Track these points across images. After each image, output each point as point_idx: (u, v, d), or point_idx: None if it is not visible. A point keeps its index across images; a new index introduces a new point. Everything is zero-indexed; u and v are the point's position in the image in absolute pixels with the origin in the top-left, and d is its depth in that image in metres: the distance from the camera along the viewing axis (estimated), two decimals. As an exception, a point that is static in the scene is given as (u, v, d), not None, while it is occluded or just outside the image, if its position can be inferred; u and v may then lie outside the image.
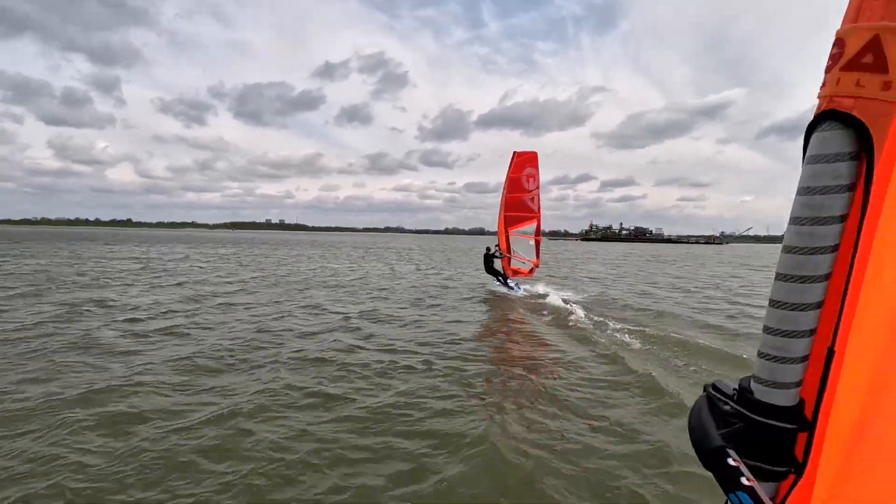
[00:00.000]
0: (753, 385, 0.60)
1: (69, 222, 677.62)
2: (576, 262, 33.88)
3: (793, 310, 0.56)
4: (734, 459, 0.56)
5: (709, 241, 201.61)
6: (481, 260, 16.68)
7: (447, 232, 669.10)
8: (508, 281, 15.22)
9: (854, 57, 0.49)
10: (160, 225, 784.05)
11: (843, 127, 0.51)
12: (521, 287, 14.81)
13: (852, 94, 0.50)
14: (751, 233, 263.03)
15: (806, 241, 0.54)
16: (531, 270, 15.26)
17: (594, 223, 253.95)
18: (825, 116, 0.52)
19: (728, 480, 0.56)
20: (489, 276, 16.00)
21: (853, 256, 0.52)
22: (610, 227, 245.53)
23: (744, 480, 0.54)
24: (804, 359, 0.57)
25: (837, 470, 0.51)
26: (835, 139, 0.52)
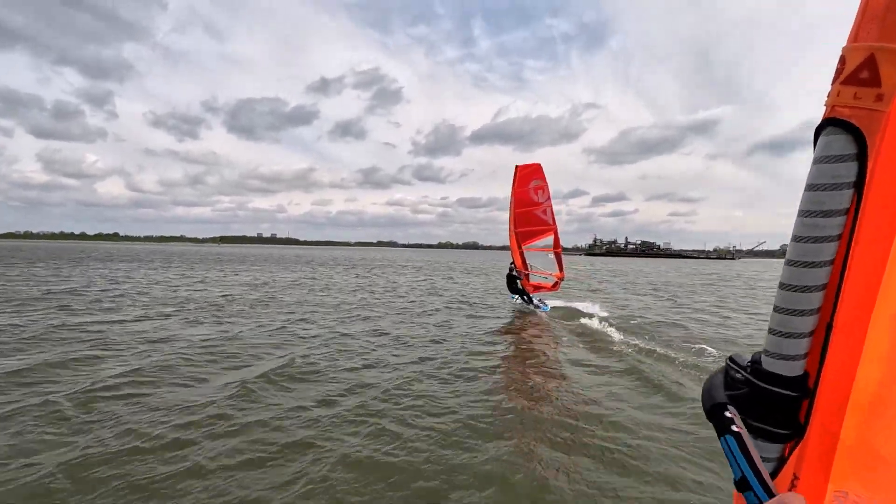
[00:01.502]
0: (763, 357, 0.69)
1: (53, 236, 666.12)
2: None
3: (798, 291, 0.64)
4: (731, 413, 0.69)
5: (721, 256, 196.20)
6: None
7: (440, 246, 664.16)
8: (532, 298, 14.77)
9: (853, 73, 0.59)
10: (148, 239, 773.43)
11: (842, 132, 0.60)
12: (547, 305, 14.29)
13: (850, 104, 0.59)
14: (763, 247, 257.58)
15: (811, 232, 0.63)
16: (555, 285, 14.67)
17: (598, 237, 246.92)
18: (828, 123, 0.61)
19: (721, 426, 0.69)
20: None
21: (848, 245, 0.61)
22: (615, 242, 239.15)
23: (734, 427, 0.67)
24: (809, 334, 0.65)
25: (833, 431, 0.62)
26: (836, 143, 0.60)
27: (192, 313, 12.37)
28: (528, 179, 14.75)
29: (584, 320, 12.23)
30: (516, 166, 14.98)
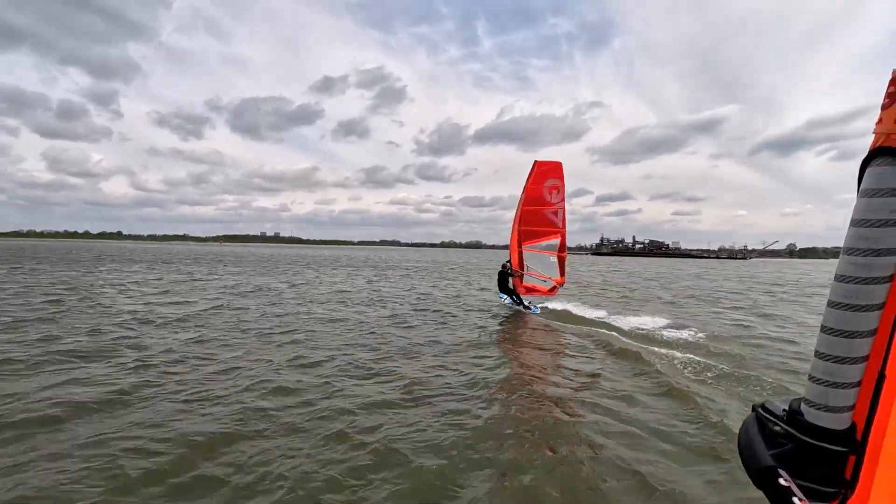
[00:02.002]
0: (804, 408, 0.62)
1: (57, 235, 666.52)
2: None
3: (846, 337, 0.57)
4: (785, 479, 0.59)
5: (731, 255, 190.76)
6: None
7: (443, 245, 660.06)
8: (523, 299, 14.05)
9: None
10: (152, 238, 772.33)
11: None
12: (538, 307, 13.77)
13: None
14: (775, 246, 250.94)
15: (861, 272, 0.56)
16: (552, 289, 14.09)
17: (605, 237, 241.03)
18: (881, 152, 0.54)
19: (779, 500, 0.58)
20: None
21: None
22: (622, 241, 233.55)
23: (795, 501, 0.57)
24: (857, 384, 0.59)
25: (886, 490, 0.54)
26: (891, 174, 0.54)
27: (116, 346, 8.20)
28: (545, 177, 13.75)
29: (718, 365, 7.92)
30: (535, 161, 13.91)
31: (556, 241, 13.80)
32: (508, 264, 14.28)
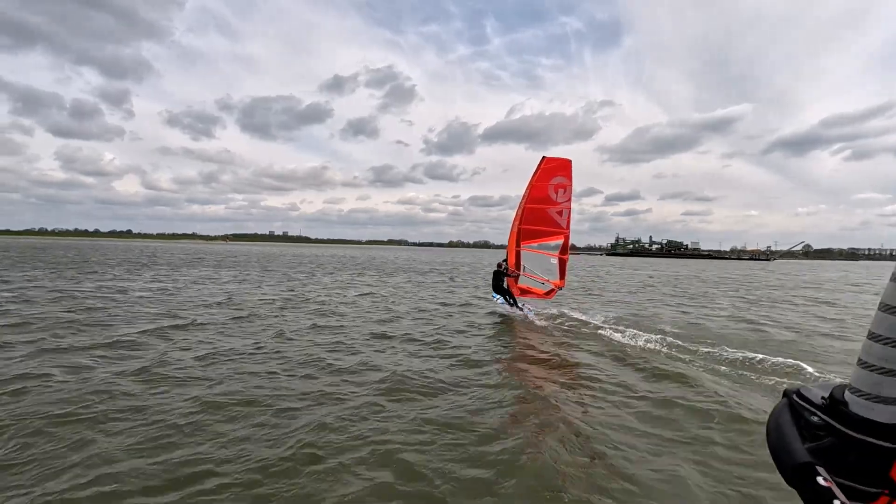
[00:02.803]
0: (849, 396, 0.55)
1: (68, 233, 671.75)
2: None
3: None
4: (825, 478, 0.52)
5: (753, 256, 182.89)
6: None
7: (451, 245, 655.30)
8: (517, 301, 13.54)
9: None
10: (161, 236, 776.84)
11: None
12: (531, 309, 13.24)
13: None
14: (800, 248, 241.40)
15: None
16: (550, 292, 13.21)
17: (620, 237, 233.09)
18: None
19: (817, 502, 0.51)
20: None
21: None
22: (639, 241, 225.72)
23: None
24: None
25: None
26: None
27: None
28: (552, 174, 12.77)
29: None
30: (543, 157, 12.92)
31: (559, 242, 13.09)
32: (504, 263, 13.68)
